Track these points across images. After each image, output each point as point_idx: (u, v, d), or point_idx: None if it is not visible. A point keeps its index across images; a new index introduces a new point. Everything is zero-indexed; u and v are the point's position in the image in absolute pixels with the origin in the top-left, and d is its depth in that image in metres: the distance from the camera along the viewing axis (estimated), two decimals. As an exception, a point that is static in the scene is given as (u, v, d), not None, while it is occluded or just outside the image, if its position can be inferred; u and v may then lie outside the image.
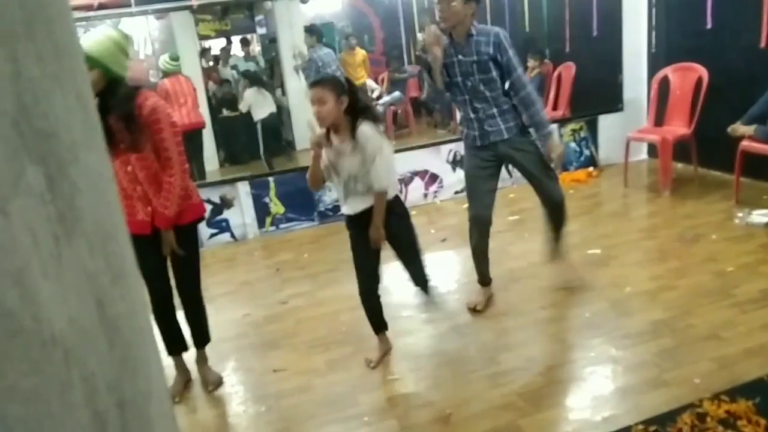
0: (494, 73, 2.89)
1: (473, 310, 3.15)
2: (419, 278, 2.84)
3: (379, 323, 2.84)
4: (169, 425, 0.55)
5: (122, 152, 2.42)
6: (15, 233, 0.35)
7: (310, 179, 2.66)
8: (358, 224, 2.66)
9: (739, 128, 3.98)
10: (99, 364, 0.41)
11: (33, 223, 0.37)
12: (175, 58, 6.52)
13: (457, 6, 2.79)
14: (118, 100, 2.35)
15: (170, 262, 2.65)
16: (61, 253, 0.39)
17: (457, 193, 5.34)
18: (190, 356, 2.85)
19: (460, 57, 2.89)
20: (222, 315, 3.59)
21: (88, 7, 5.46)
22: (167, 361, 2.81)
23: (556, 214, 3.16)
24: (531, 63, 6.80)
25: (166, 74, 6.42)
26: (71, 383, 0.38)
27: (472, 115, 2.99)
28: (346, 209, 2.69)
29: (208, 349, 2.94)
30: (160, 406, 0.52)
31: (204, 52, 8.44)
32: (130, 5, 5.62)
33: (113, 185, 0.50)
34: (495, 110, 2.95)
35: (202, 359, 2.85)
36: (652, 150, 5.38)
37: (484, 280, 3.27)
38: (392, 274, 2.98)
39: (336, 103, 2.47)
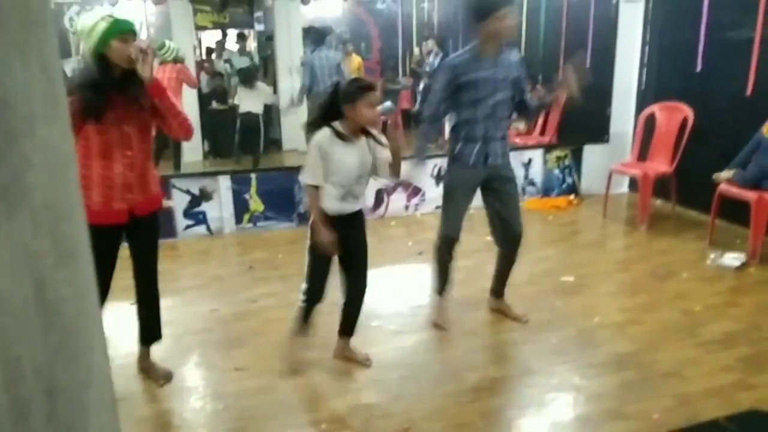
0: (510, 94, 2.93)
1: (440, 327, 3.14)
2: (364, 287, 2.78)
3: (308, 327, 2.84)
4: (106, 415, 0.52)
5: (127, 131, 2.40)
6: (-55, 200, 0.33)
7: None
8: (346, 225, 2.64)
9: (721, 175, 4.05)
10: (28, 349, 0.39)
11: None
12: (160, 47, 6.36)
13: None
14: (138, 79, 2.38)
15: (133, 255, 2.58)
16: (-2, 227, 0.37)
17: (438, 207, 5.34)
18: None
19: (487, 73, 2.85)
20: (190, 308, 3.54)
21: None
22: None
23: (515, 250, 3.17)
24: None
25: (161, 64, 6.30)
26: (-9, 366, 0.36)
27: (479, 134, 2.95)
28: (340, 208, 2.60)
29: (172, 341, 2.89)
30: (99, 395, 0.50)
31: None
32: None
33: (73, 164, 0.48)
34: (499, 134, 2.98)
35: (146, 356, 2.77)
36: (633, 184, 5.44)
37: (446, 290, 3.25)
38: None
39: None
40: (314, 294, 2.70)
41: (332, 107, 2.55)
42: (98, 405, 0.49)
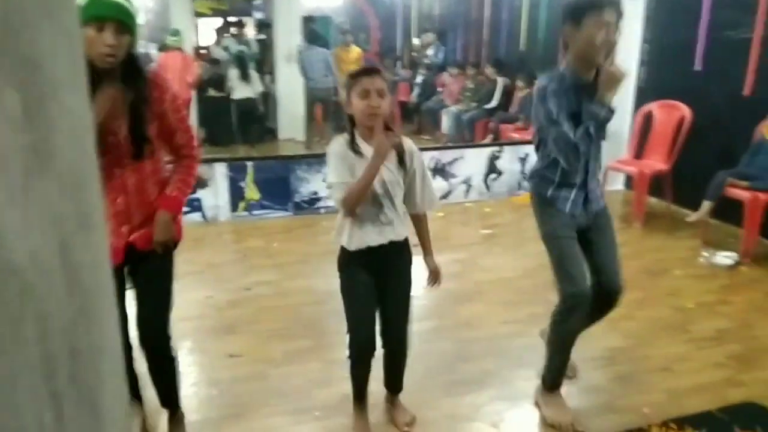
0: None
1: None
2: (404, 335, 2.28)
3: (365, 388, 2.29)
4: (118, 384, 0.53)
5: (124, 160, 1.86)
6: (-16, 153, 0.34)
7: (357, 198, 1.95)
8: (369, 261, 2.08)
9: (691, 218, 4.20)
10: (56, 307, 0.40)
11: (4, 148, 0.36)
12: (174, 33, 6.55)
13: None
14: (139, 81, 1.84)
15: (138, 296, 2.04)
16: (30, 185, 0.38)
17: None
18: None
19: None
20: (184, 294, 3.51)
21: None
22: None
23: (610, 305, 2.37)
24: (519, 83, 6.90)
25: (165, 49, 6.50)
26: (24, 318, 0.36)
27: (582, 178, 2.35)
28: (359, 241, 2.05)
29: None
30: (111, 363, 0.50)
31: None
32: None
33: (91, 135, 0.48)
34: (597, 173, 2.41)
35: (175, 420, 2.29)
36: (629, 182, 5.47)
37: (560, 382, 2.44)
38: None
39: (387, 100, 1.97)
40: (362, 344, 2.13)
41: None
42: (111, 373, 0.50)
